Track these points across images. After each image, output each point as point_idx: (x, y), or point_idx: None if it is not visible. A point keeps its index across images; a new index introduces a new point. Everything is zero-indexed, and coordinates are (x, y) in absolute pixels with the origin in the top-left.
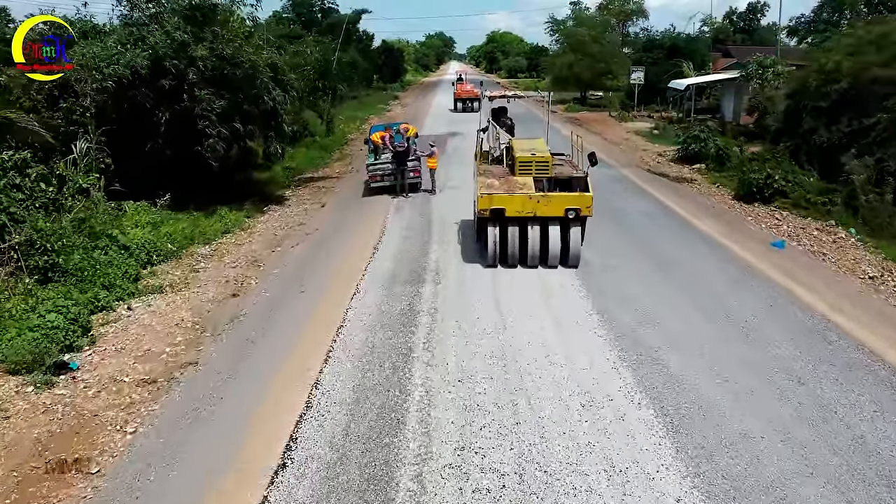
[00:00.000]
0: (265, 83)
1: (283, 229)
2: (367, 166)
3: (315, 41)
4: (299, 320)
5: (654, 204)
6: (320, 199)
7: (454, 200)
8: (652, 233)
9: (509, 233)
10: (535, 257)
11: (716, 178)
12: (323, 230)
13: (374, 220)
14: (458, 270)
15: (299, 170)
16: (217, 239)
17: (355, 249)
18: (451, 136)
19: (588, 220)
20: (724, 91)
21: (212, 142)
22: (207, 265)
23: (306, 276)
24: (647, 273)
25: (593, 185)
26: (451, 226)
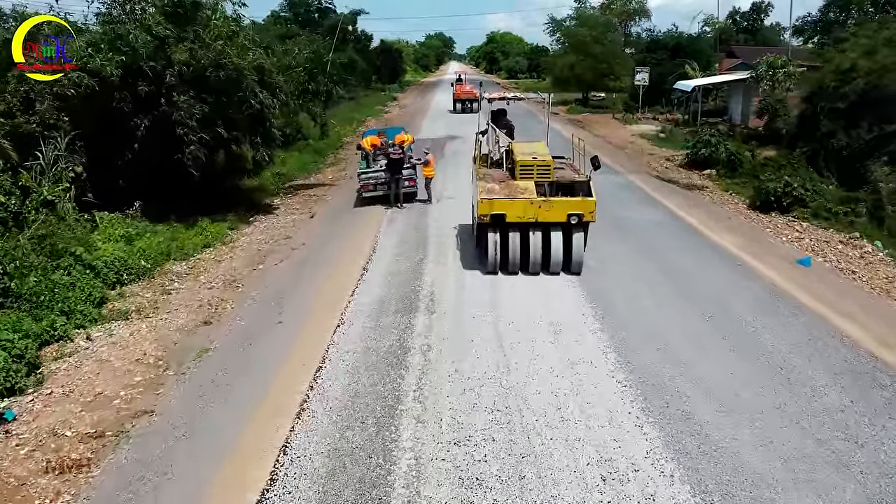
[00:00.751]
0: (251, 86)
1: (268, 243)
2: (359, 174)
3: (308, 40)
4: (273, 358)
5: (665, 214)
6: (310, 209)
7: (451, 212)
8: (666, 248)
9: (510, 239)
10: (537, 264)
11: (728, 184)
12: (310, 244)
13: (366, 235)
14: (455, 296)
15: (290, 176)
16: (196, 254)
17: (343, 269)
18: (449, 139)
19: (596, 232)
20: (732, 92)
21: (192, 149)
22: (181, 285)
23: (287, 301)
24: (666, 298)
25: (598, 191)
26: (448, 242)
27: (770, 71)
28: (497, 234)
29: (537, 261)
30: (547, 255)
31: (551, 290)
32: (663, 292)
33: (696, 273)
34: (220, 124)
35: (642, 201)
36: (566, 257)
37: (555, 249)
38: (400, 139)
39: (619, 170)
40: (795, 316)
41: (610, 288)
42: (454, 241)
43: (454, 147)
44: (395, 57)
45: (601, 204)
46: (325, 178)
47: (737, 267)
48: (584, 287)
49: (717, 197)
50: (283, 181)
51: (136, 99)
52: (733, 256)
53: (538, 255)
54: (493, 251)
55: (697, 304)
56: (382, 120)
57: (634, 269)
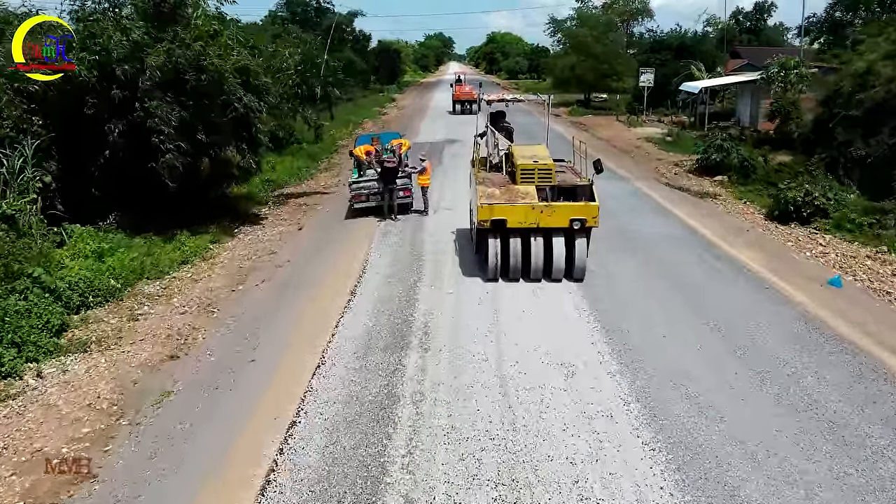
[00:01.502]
0: (233, 89)
1: (251, 259)
2: (350, 184)
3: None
4: (241, 409)
5: (678, 225)
6: (299, 220)
7: (449, 225)
8: (681, 265)
9: (511, 245)
10: (539, 270)
11: (741, 192)
12: (295, 261)
13: (356, 252)
14: (452, 327)
15: (280, 182)
16: (172, 272)
17: (328, 293)
18: (448, 143)
19: (604, 245)
20: (740, 94)
21: (168, 158)
22: (152, 309)
23: (264, 332)
24: (687, 328)
25: (604, 199)
26: (445, 260)
27: (782, 72)
28: (497, 239)
29: (539, 267)
30: (549, 261)
31: (558, 318)
32: (683, 320)
33: (718, 296)
34: (200, 130)
35: (652, 210)
36: (569, 263)
37: (557, 255)
38: (396, 143)
39: (626, 175)
40: (838, 352)
41: (623, 314)
42: (451, 259)
43: (453, 151)
44: (394, 57)
45: (607, 213)
46: (317, 185)
47: (763, 289)
48: (595, 313)
49: (730, 206)
50: (273, 188)
51: (109, 103)
52: (756, 275)
53: (540, 261)
54: (493, 257)
55: (724, 335)
56: (380, 122)
57: (648, 290)
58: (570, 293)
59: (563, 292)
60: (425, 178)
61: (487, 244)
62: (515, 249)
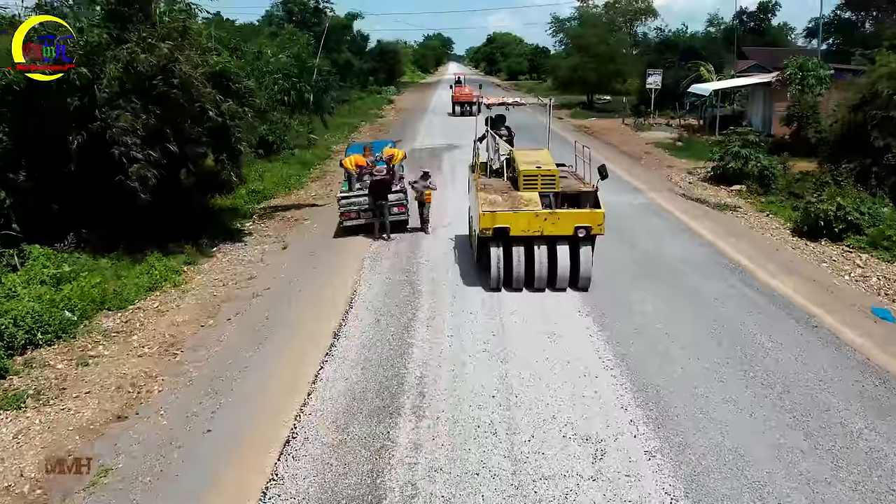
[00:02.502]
0: (207, 96)
1: (227, 285)
2: (339, 200)
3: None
4: None
5: (704, 248)
6: (284, 237)
7: (450, 247)
8: (718, 302)
9: (514, 253)
10: (543, 280)
11: (763, 204)
12: (275, 291)
13: (342, 280)
14: (452, 384)
15: (268, 193)
16: (138, 300)
17: (307, 335)
18: (448, 149)
19: (622, 271)
20: (752, 97)
21: (137, 168)
22: (107, 350)
23: (228, 388)
24: (737, 387)
25: (619, 215)
26: (443, 291)
27: (799, 74)
28: (500, 248)
29: (543, 277)
30: (553, 270)
31: (579, 371)
32: (728, 374)
33: (763, 340)
34: (171, 139)
35: (673, 229)
36: (573, 273)
37: (562, 265)
38: (389, 153)
39: (639, 186)
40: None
41: (656, 367)
42: (451, 289)
43: (454, 158)
44: (393, 58)
45: (625, 233)
46: (307, 196)
47: (811, 328)
48: (622, 365)
49: (753, 219)
50: (260, 199)
51: (69, 109)
52: (800, 309)
53: (544, 270)
54: (496, 267)
55: (780, 396)
56: (377, 125)
57: (681, 334)
58: (591, 336)
59: (583, 335)
60: (428, 194)
61: (489, 253)
62: (519, 258)
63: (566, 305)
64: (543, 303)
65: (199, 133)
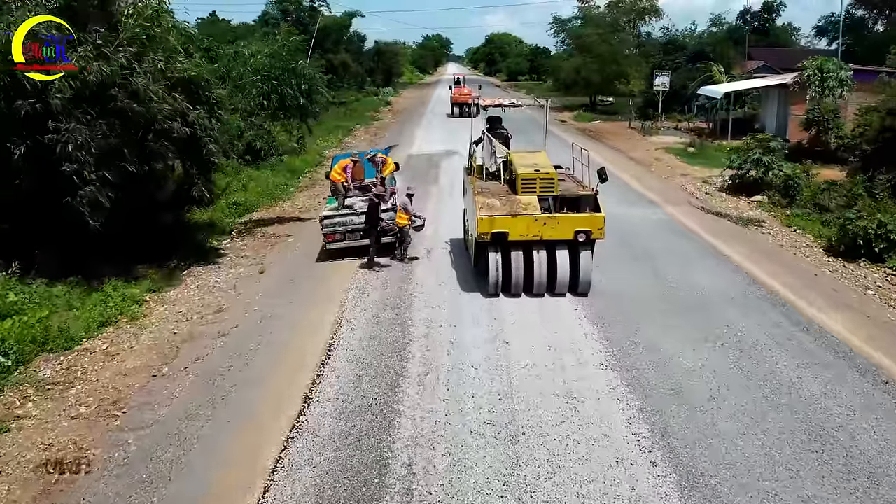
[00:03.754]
0: (176, 104)
1: (191, 320)
2: (322, 220)
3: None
4: None
5: (734, 273)
6: (262, 259)
7: (449, 274)
8: (762, 350)
9: (513, 258)
10: (543, 285)
11: (788, 217)
12: (243, 330)
13: (321, 318)
14: (448, 474)
15: (251, 205)
16: (88, 337)
17: (273, 397)
18: (447, 155)
19: (654, 315)
20: (765, 99)
21: (90, 190)
22: (38, 407)
23: (163, 477)
24: (811, 480)
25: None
26: (440, 337)
27: (818, 75)
28: (499, 253)
29: (543, 282)
30: (553, 274)
31: (609, 454)
32: (796, 459)
33: (827, 403)
34: (130, 157)
35: (697, 250)
36: (573, 278)
37: (562, 270)
38: (381, 158)
39: (654, 198)
40: None
41: (703, 447)
42: (448, 333)
43: (453, 166)
44: (390, 59)
45: (644, 256)
46: (293, 208)
47: (881, 383)
48: (661, 443)
49: (780, 236)
50: (242, 212)
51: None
52: (860, 356)
53: (544, 276)
54: (494, 272)
55: (868, 494)
56: (373, 128)
57: (725, 397)
58: (619, 400)
59: (609, 399)
60: (402, 217)
61: (488, 258)
62: (518, 263)
63: (586, 355)
64: (559, 354)
65: (164, 147)
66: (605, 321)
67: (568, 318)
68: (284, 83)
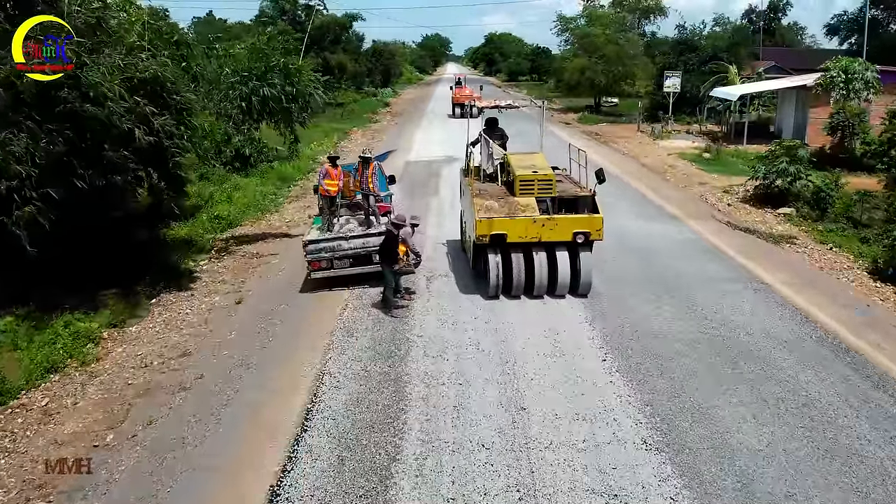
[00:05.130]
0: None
1: (151, 365)
2: (306, 245)
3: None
4: None
5: (781, 307)
6: (241, 284)
7: (452, 315)
8: (830, 410)
9: (513, 260)
10: (543, 287)
11: (821, 233)
12: (207, 383)
13: (299, 372)
14: None
15: (235, 219)
16: (29, 386)
17: (230, 493)
18: (447, 162)
19: (693, 364)
20: (782, 102)
21: (27, 212)
22: None
23: None
24: None
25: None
26: (445, 401)
27: (843, 76)
28: (498, 255)
29: (543, 284)
30: (553, 276)
31: None
32: None
33: None
34: (82, 168)
35: (732, 277)
36: (573, 279)
37: (562, 271)
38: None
39: (675, 212)
40: None
41: None
42: (453, 394)
43: (453, 176)
44: (389, 59)
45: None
46: (280, 222)
47: None
48: None
49: (816, 254)
50: (224, 227)
51: None
52: None
53: (544, 277)
54: (494, 275)
55: None
56: (370, 131)
57: (806, 494)
58: (674, 501)
59: (661, 500)
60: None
61: (487, 260)
62: (518, 265)
63: (624, 427)
64: (591, 428)
65: (124, 157)
66: (642, 376)
67: (596, 372)
68: (266, 83)
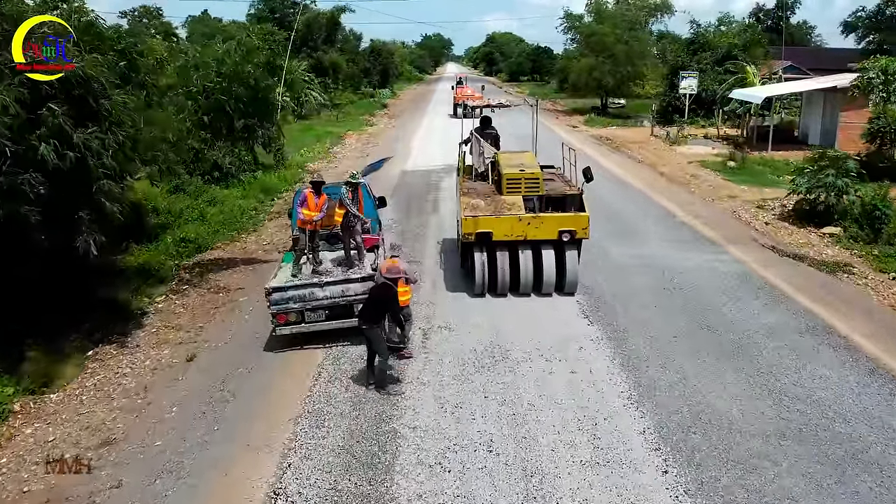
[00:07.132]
0: (51, 119)
1: (58, 461)
2: (270, 293)
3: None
4: None
5: (871, 376)
6: (198, 333)
7: (458, 393)
8: None
9: (498, 258)
10: (528, 285)
11: (878, 259)
12: (124, 496)
13: (246, 491)
14: None
15: (204, 241)
16: None
17: None
18: (446, 172)
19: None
20: (808, 105)
21: None
22: None
23: None
24: None
25: (722, 306)
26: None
27: (881, 77)
28: (484, 253)
29: (528, 282)
30: (539, 274)
31: None
32: None
33: None
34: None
35: (801, 329)
36: (559, 278)
37: (547, 270)
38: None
39: (711, 235)
40: None
41: None
42: (452, 495)
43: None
44: (387, 58)
45: (734, 347)
46: (256, 245)
47: None
48: None
49: (882, 287)
50: (192, 251)
51: None
52: None
53: (529, 275)
54: (480, 273)
55: None
56: (365, 135)
57: None
58: None
59: None
60: (406, 293)
61: (474, 258)
62: (503, 263)
63: None
64: None
65: (27, 182)
66: (721, 499)
67: (657, 491)
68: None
